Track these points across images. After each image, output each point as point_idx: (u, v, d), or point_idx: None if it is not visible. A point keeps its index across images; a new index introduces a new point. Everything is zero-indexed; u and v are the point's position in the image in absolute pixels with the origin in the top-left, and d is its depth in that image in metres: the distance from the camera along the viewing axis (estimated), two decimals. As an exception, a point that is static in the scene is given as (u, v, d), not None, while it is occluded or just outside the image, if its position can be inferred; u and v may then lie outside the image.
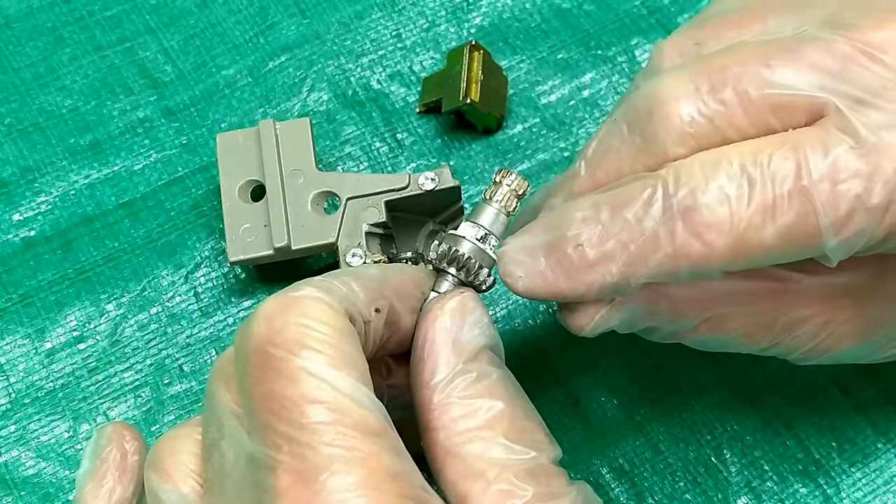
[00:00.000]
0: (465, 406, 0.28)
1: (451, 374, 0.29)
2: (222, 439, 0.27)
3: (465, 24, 0.47)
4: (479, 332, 0.30)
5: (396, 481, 0.26)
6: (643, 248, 0.29)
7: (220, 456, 0.27)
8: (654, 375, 0.41)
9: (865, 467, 0.39)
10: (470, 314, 0.30)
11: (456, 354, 0.29)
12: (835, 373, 0.41)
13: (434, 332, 0.30)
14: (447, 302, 0.30)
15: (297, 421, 0.25)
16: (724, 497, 0.39)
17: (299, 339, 0.26)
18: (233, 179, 0.41)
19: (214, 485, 0.28)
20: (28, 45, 0.47)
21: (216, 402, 0.28)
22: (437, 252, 0.32)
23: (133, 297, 0.42)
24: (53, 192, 0.44)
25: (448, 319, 0.30)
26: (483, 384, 0.29)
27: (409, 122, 0.46)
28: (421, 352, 0.29)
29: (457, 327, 0.30)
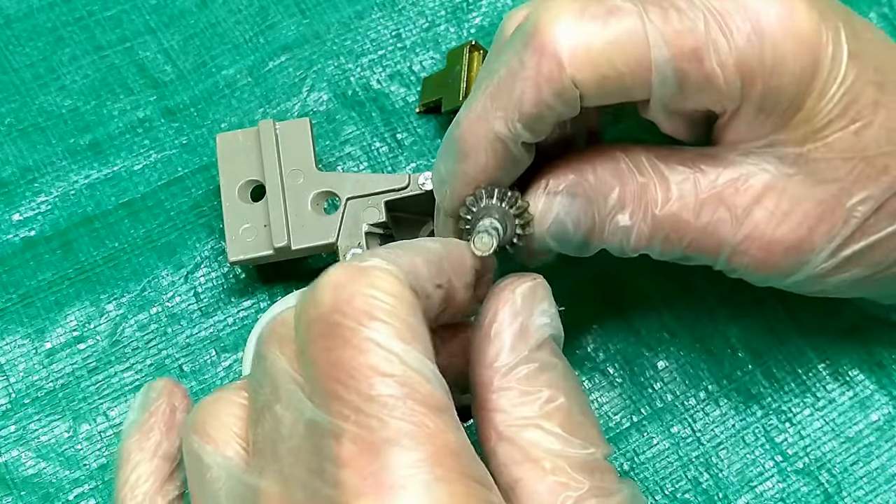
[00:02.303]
0: (525, 393, 0.28)
1: (517, 359, 0.29)
2: (277, 402, 0.27)
3: (465, 24, 0.47)
4: (548, 321, 0.30)
5: (460, 459, 0.25)
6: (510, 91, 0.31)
7: (274, 419, 0.27)
8: (653, 375, 0.41)
9: (867, 465, 0.39)
10: (540, 302, 0.30)
11: (523, 340, 0.29)
12: (837, 368, 0.41)
13: (504, 314, 0.29)
14: (520, 285, 0.30)
15: (365, 392, 0.25)
16: (725, 496, 0.39)
17: (368, 309, 0.26)
18: (233, 179, 0.41)
19: (265, 448, 0.27)
20: (28, 45, 0.47)
21: (270, 365, 0.28)
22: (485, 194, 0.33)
23: (133, 297, 0.42)
24: (53, 192, 0.44)
25: (520, 302, 0.30)
26: (546, 375, 0.29)
27: (409, 122, 0.46)
28: (487, 330, 0.29)
29: (526, 312, 0.30)
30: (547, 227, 0.33)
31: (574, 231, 0.33)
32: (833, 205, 0.32)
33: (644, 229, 0.33)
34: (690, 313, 0.42)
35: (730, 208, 0.32)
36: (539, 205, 0.33)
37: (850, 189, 0.32)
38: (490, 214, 0.32)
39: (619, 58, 0.30)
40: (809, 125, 0.31)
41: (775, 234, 0.32)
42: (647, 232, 0.33)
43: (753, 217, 0.32)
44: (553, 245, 0.34)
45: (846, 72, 0.31)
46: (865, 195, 0.32)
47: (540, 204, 0.33)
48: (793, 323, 0.42)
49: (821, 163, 0.32)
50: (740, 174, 0.32)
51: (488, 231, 0.31)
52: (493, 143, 0.32)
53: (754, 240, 0.32)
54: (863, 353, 0.41)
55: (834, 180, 0.32)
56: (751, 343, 0.41)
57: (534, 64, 0.30)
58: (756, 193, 0.32)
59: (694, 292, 0.42)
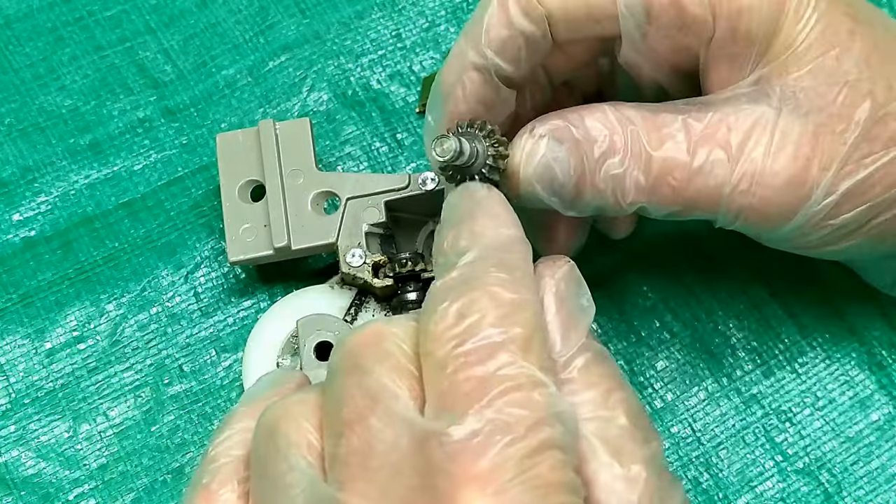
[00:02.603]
0: (588, 385, 0.28)
1: (573, 349, 0.29)
2: (372, 416, 0.26)
3: (464, 23, 0.47)
4: (587, 304, 0.30)
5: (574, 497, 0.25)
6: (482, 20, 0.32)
7: (367, 433, 0.26)
8: (653, 375, 0.41)
9: (867, 465, 0.39)
10: (578, 283, 0.30)
11: (574, 328, 0.29)
12: (837, 368, 0.41)
13: (550, 300, 0.29)
14: (558, 269, 0.30)
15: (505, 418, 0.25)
16: (725, 496, 0.39)
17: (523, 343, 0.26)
18: (233, 179, 0.41)
19: (350, 462, 0.26)
20: (28, 45, 0.47)
21: (368, 378, 0.27)
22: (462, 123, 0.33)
23: (133, 297, 0.42)
24: (53, 192, 0.44)
25: (563, 287, 0.29)
26: (602, 364, 0.29)
27: (409, 122, 0.46)
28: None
29: (570, 296, 0.29)
30: (533, 168, 0.33)
31: (563, 176, 0.32)
32: (825, 134, 0.32)
33: (638, 176, 0.32)
34: (690, 313, 0.42)
35: (724, 147, 0.32)
36: (525, 147, 0.33)
37: (839, 115, 0.32)
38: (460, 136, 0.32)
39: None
40: (789, 51, 0.32)
41: (773, 167, 0.32)
42: (641, 179, 0.32)
43: (749, 153, 0.32)
44: (541, 192, 0.33)
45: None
46: (853, 121, 0.32)
47: (526, 146, 0.33)
48: (793, 323, 0.42)
49: (808, 91, 0.32)
50: (731, 114, 0.32)
51: (450, 138, 0.31)
52: (469, 73, 0.33)
53: (752, 176, 0.32)
54: (863, 353, 0.41)
55: (821, 108, 0.32)
56: (751, 343, 0.41)
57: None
58: (748, 130, 0.32)
59: (694, 293, 0.42)
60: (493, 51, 0.32)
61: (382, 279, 0.39)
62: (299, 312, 0.40)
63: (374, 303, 0.41)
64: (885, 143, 0.32)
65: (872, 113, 0.32)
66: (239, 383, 0.41)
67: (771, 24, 0.31)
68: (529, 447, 0.25)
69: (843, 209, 0.32)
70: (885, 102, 0.32)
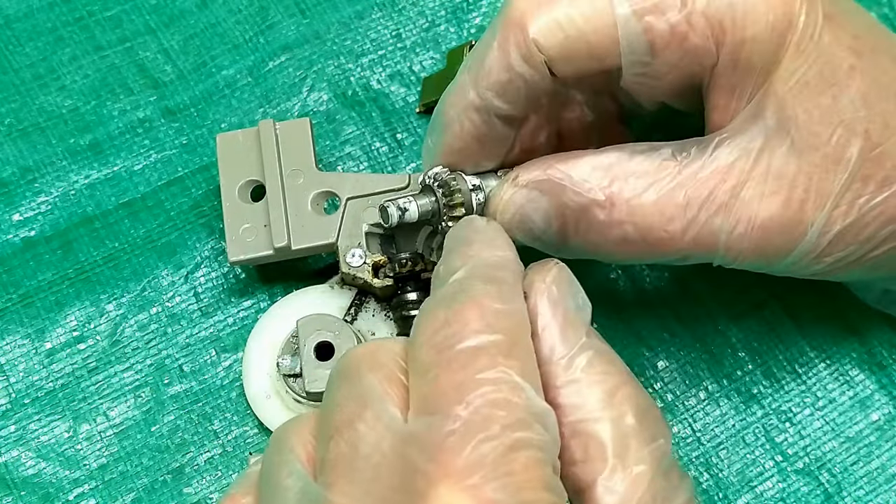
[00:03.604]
0: (592, 384, 0.28)
1: (574, 349, 0.29)
2: (360, 421, 0.27)
3: (465, 24, 0.47)
4: (583, 304, 0.30)
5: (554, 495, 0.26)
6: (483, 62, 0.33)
7: (355, 436, 0.27)
8: (653, 375, 0.41)
9: (867, 465, 0.39)
10: (571, 285, 0.30)
11: (573, 329, 0.29)
12: (837, 368, 0.41)
13: (545, 305, 0.29)
14: (548, 273, 0.30)
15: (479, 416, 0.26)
16: (725, 496, 0.39)
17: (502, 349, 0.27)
18: (233, 179, 0.41)
19: (340, 466, 0.27)
20: (28, 45, 0.47)
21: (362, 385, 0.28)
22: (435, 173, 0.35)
23: (133, 297, 0.42)
24: (53, 192, 0.44)
25: (555, 290, 0.30)
26: (605, 360, 0.29)
27: (409, 122, 0.46)
28: (533, 326, 0.29)
29: (564, 299, 0.29)
30: (510, 216, 0.34)
31: (544, 227, 0.33)
32: (819, 175, 0.32)
33: (629, 231, 0.32)
34: (690, 313, 0.42)
35: (719, 196, 0.32)
36: (505, 195, 0.34)
37: (833, 155, 0.32)
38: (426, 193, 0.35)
39: (581, 21, 0.31)
40: (786, 85, 0.31)
41: (767, 212, 0.32)
42: (632, 233, 0.32)
43: (744, 200, 0.32)
44: (520, 237, 0.34)
45: (821, 32, 0.31)
46: (846, 161, 0.32)
47: (505, 194, 0.34)
48: (793, 323, 0.42)
49: (802, 130, 0.32)
50: (726, 159, 0.32)
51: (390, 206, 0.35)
52: (468, 112, 0.33)
53: (748, 222, 0.32)
54: (863, 353, 0.41)
55: (816, 147, 0.32)
56: (751, 343, 0.41)
57: (502, 34, 0.32)
58: (744, 175, 0.32)
59: (694, 293, 0.42)
60: (492, 93, 0.33)
61: (382, 279, 0.39)
62: (299, 312, 0.40)
63: (374, 303, 0.41)
64: (879, 183, 0.32)
65: (865, 153, 0.32)
66: (239, 383, 0.41)
67: (771, 56, 0.31)
68: (504, 445, 0.25)
69: (836, 247, 0.33)
70: (879, 141, 0.32)
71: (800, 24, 0.31)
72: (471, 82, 0.33)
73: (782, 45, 0.31)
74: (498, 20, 0.33)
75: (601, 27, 0.31)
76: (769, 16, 0.31)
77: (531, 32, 0.31)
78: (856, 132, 0.32)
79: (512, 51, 0.32)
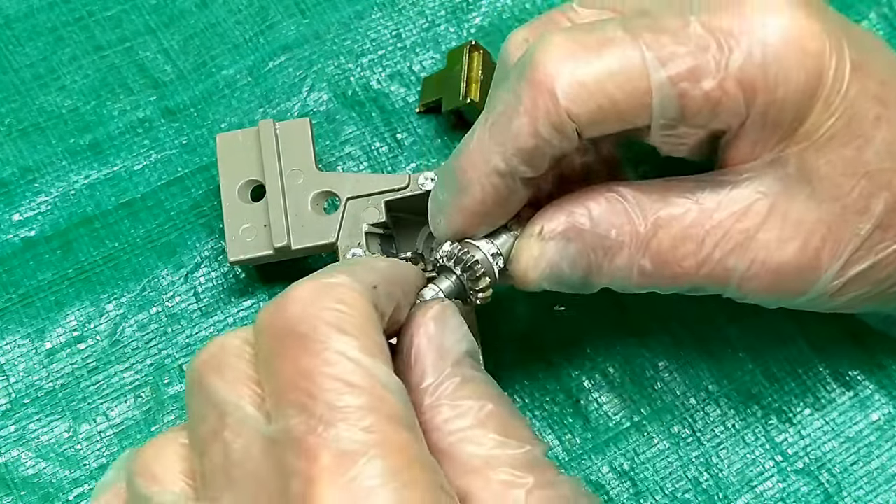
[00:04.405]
0: (455, 408, 0.29)
1: (440, 377, 0.29)
2: (224, 429, 0.27)
3: (465, 24, 0.47)
4: (461, 338, 0.31)
5: (428, 471, 0.26)
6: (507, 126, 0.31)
7: (223, 446, 0.27)
8: (654, 375, 0.41)
9: (867, 465, 0.39)
10: (451, 320, 0.31)
11: (442, 359, 0.30)
12: (837, 368, 0.41)
13: (420, 338, 0.30)
14: (429, 310, 0.31)
15: (333, 403, 0.25)
16: (725, 496, 0.39)
17: (337, 323, 0.27)
18: (233, 179, 0.41)
19: (216, 477, 0.27)
20: (28, 45, 0.47)
21: (212, 393, 0.28)
22: (447, 251, 0.34)
23: (133, 297, 0.42)
24: (53, 192, 0.44)
25: (432, 326, 0.30)
26: (471, 386, 0.30)
27: (409, 122, 0.46)
28: (408, 357, 0.30)
29: (440, 333, 0.30)
30: (541, 271, 0.34)
31: (571, 273, 0.33)
32: (838, 224, 0.32)
33: (646, 266, 0.33)
34: (690, 313, 0.42)
35: (734, 236, 0.32)
36: (534, 251, 0.33)
37: (854, 206, 0.32)
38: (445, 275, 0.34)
39: (613, 87, 0.30)
40: (811, 140, 0.31)
41: (782, 257, 0.32)
42: (648, 268, 0.33)
43: (759, 242, 0.32)
44: (548, 287, 0.34)
45: (849, 85, 0.31)
46: (869, 212, 0.32)
47: (534, 251, 0.33)
48: (793, 323, 0.42)
49: (824, 181, 0.31)
50: (743, 201, 0.32)
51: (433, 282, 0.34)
52: (491, 177, 0.32)
53: (762, 264, 0.32)
54: (863, 353, 0.41)
55: (837, 198, 0.32)
56: (751, 343, 0.41)
57: (530, 99, 0.31)
58: (760, 218, 0.32)
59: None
60: (518, 159, 0.32)
61: (382, 279, 0.39)
62: (299, 312, 0.40)
63: (374, 303, 0.41)
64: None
65: (889, 205, 0.32)
66: (239, 383, 0.41)
67: (800, 112, 0.31)
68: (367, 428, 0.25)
69: (850, 289, 0.33)
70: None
71: (828, 80, 0.30)
72: (494, 147, 0.32)
73: (811, 102, 0.31)
74: (522, 80, 0.31)
75: (633, 93, 0.30)
76: (801, 75, 0.30)
77: (562, 100, 0.30)
78: (880, 184, 0.31)
79: (541, 118, 0.31)
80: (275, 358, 0.27)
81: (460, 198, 0.33)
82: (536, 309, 0.42)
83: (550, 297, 0.42)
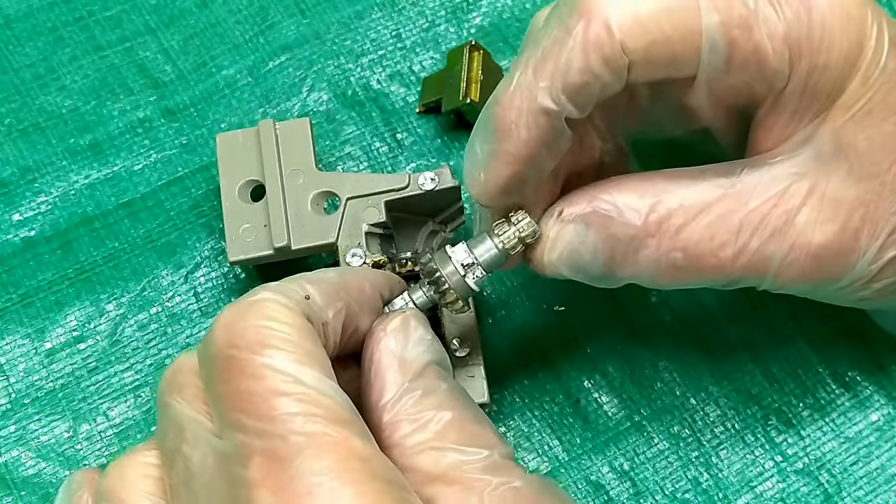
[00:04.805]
0: (413, 422, 0.29)
1: (399, 392, 0.30)
2: (183, 444, 0.28)
3: (465, 24, 0.47)
4: (424, 349, 0.31)
5: (367, 463, 0.26)
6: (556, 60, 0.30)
7: (184, 460, 0.28)
8: (653, 375, 0.41)
9: (867, 466, 0.39)
10: (413, 332, 0.31)
11: (402, 373, 0.30)
12: (837, 369, 0.41)
13: (379, 354, 0.30)
14: (389, 323, 0.31)
15: (266, 414, 0.26)
16: (725, 496, 0.39)
17: (261, 339, 0.27)
18: (233, 179, 0.41)
19: (181, 489, 0.28)
20: (28, 45, 0.47)
21: (172, 411, 0.29)
22: (425, 266, 0.34)
23: (133, 297, 0.42)
24: (53, 192, 0.44)
25: (392, 340, 0.31)
26: (430, 399, 0.30)
27: (409, 122, 0.46)
28: (368, 374, 0.30)
29: (401, 346, 0.30)
30: (558, 254, 0.33)
31: (591, 260, 0.32)
32: (876, 202, 0.31)
33: (677, 258, 0.31)
34: (690, 313, 0.42)
35: (772, 221, 0.31)
36: (551, 233, 0.33)
37: (892, 185, 0.31)
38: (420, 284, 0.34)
39: (668, 22, 0.29)
40: (849, 113, 0.30)
41: (822, 239, 0.31)
42: (681, 260, 0.31)
43: (797, 226, 0.31)
44: (568, 273, 0.33)
45: (887, 58, 0.30)
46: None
47: (552, 231, 0.33)
48: (793, 323, 0.42)
49: (862, 157, 0.31)
50: (779, 183, 0.31)
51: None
52: (538, 116, 0.30)
53: (801, 249, 0.31)
54: (862, 353, 0.41)
55: (874, 175, 0.31)
56: (751, 343, 0.41)
57: (581, 30, 0.29)
58: (799, 200, 0.31)
59: (694, 293, 0.42)
60: (566, 96, 0.30)
61: (382, 279, 0.39)
62: (299, 312, 0.40)
63: (373, 303, 0.41)
64: None
65: None
66: (239, 383, 0.41)
67: (839, 83, 0.30)
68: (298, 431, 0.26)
69: (885, 274, 0.32)
70: None
71: (869, 51, 0.30)
72: (543, 84, 0.30)
73: (851, 72, 0.30)
74: (574, 12, 0.29)
75: (687, 34, 0.29)
76: (844, 42, 0.30)
77: (617, 33, 0.29)
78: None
79: (594, 51, 0.29)
80: (213, 382, 0.28)
81: (503, 144, 0.31)
82: (536, 309, 0.42)
83: (550, 297, 0.42)
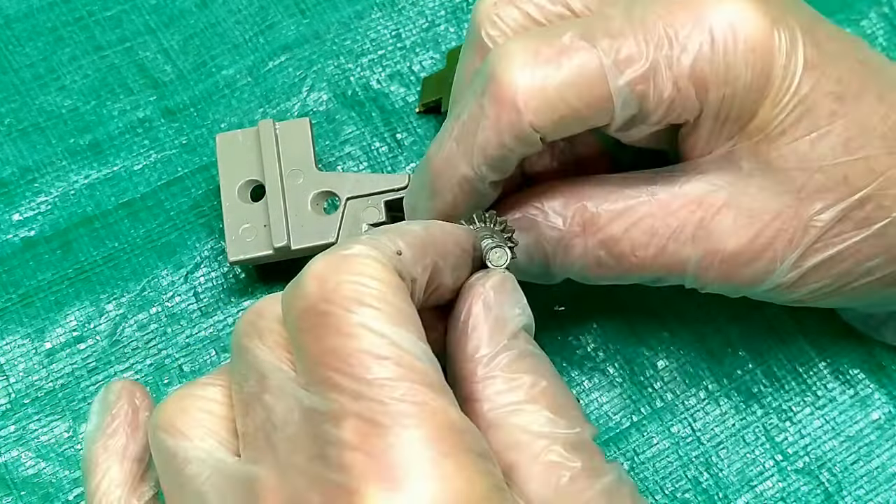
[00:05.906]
0: (509, 380, 0.29)
1: (497, 349, 0.29)
2: (265, 392, 0.27)
3: (464, 24, 0.47)
4: (520, 312, 0.31)
5: (463, 435, 0.26)
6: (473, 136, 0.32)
7: (265, 409, 0.27)
8: (653, 375, 0.41)
9: (867, 464, 0.39)
10: (511, 293, 0.31)
11: (500, 331, 0.30)
12: (837, 367, 0.41)
13: (479, 308, 0.30)
14: (489, 279, 0.31)
15: (362, 377, 0.25)
16: (725, 496, 0.39)
17: (356, 296, 0.26)
18: (232, 179, 0.41)
19: (258, 439, 0.27)
20: (28, 45, 0.47)
21: (252, 357, 0.28)
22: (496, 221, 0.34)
23: (133, 297, 0.42)
24: (53, 192, 0.44)
25: (492, 295, 0.30)
26: (526, 361, 0.29)
27: (408, 122, 0.46)
28: (464, 326, 0.30)
29: (499, 304, 0.30)
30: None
31: (528, 260, 0.34)
32: (792, 216, 0.32)
33: (602, 256, 0.34)
34: (690, 313, 0.42)
35: (688, 227, 0.33)
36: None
37: (809, 199, 0.32)
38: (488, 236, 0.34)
39: (574, 96, 0.31)
40: (764, 134, 0.32)
41: (735, 246, 0.33)
42: (605, 259, 0.34)
43: (712, 232, 0.33)
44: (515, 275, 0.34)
45: (800, 82, 0.31)
46: (824, 205, 0.32)
47: None
48: (793, 322, 0.42)
49: (778, 173, 0.32)
50: (697, 192, 0.33)
51: (500, 245, 0.33)
52: (461, 183, 0.33)
53: (714, 254, 0.33)
54: (863, 352, 0.41)
55: (791, 191, 0.32)
56: (751, 342, 0.41)
57: (493, 112, 0.31)
58: (714, 209, 0.33)
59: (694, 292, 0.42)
60: (486, 167, 0.33)
61: (382, 279, 0.39)
62: (299, 312, 0.40)
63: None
64: (857, 224, 0.32)
65: (847, 198, 0.32)
66: (239, 383, 0.41)
67: (750, 108, 0.32)
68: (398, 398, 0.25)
69: (809, 280, 0.33)
70: (861, 186, 0.32)
71: (778, 78, 0.31)
72: (462, 156, 0.33)
73: (760, 98, 0.31)
74: (486, 94, 0.32)
75: (594, 100, 0.31)
76: (748, 74, 0.31)
77: (525, 114, 0.31)
78: (836, 178, 0.32)
79: (505, 131, 0.31)
80: (301, 337, 0.27)
81: (434, 202, 0.35)
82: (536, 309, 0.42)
83: (550, 297, 0.42)
